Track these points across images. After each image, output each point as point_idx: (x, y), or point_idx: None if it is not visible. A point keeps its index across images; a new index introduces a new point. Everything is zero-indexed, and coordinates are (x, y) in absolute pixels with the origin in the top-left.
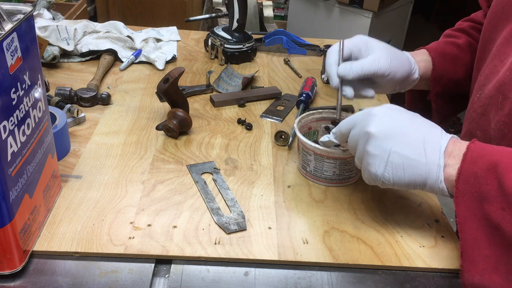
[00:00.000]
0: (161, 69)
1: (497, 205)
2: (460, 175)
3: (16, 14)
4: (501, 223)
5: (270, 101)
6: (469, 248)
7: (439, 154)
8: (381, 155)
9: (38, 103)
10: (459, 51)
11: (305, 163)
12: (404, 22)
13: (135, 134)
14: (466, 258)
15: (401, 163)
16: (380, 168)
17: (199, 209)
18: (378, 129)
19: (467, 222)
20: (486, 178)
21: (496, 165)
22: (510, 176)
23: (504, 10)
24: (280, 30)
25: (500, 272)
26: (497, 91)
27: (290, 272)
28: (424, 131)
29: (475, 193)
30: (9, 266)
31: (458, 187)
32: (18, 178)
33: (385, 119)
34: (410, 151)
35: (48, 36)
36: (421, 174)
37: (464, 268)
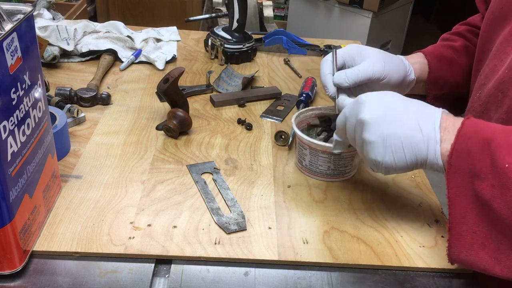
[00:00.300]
0: (161, 69)
1: (488, 182)
2: (453, 150)
3: (16, 14)
4: (491, 200)
5: (270, 101)
6: (457, 223)
7: (434, 127)
8: (379, 140)
9: (38, 103)
10: (456, 54)
11: (301, 157)
12: (404, 22)
13: (135, 134)
14: (453, 233)
15: (399, 144)
16: (380, 154)
17: (199, 209)
18: (370, 114)
19: (457, 198)
20: (479, 154)
21: (490, 141)
22: (503, 153)
23: (502, 11)
24: (280, 30)
25: (486, 249)
26: (496, 89)
27: (290, 272)
28: (415, 108)
29: (467, 169)
30: (9, 266)
31: (451, 162)
32: (18, 178)
33: (374, 103)
34: (406, 130)
35: (48, 36)
36: (421, 151)
37: (451, 243)
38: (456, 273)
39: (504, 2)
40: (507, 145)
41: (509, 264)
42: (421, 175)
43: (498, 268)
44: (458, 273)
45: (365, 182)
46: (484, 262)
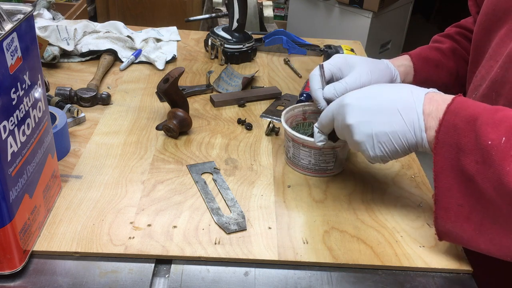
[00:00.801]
0: (161, 69)
1: (472, 158)
2: (441, 126)
3: (16, 14)
4: (475, 175)
5: (270, 101)
6: (444, 196)
7: (417, 116)
8: (368, 140)
9: (38, 103)
10: (443, 57)
11: (286, 149)
12: (404, 22)
13: (135, 134)
14: (439, 205)
15: (388, 139)
16: (372, 151)
17: (199, 209)
18: (355, 119)
19: (444, 172)
20: (465, 130)
21: (475, 118)
22: (487, 130)
23: (495, 13)
24: (280, 30)
25: (471, 221)
26: (489, 89)
27: (290, 272)
28: (396, 100)
29: (453, 144)
30: (9, 266)
31: (438, 137)
32: (18, 178)
33: (357, 106)
34: (391, 126)
35: (48, 36)
36: (409, 140)
37: (437, 215)
38: (456, 273)
39: (496, 4)
40: (492, 123)
41: (491, 238)
42: (421, 175)
43: (482, 241)
44: (458, 273)
45: (365, 182)
46: (468, 234)
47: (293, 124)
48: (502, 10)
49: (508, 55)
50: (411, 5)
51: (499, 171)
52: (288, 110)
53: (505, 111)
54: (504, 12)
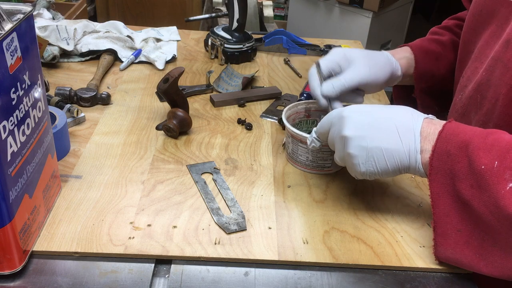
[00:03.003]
0: (161, 69)
1: (467, 183)
2: (434, 152)
3: (16, 14)
4: (470, 200)
5: (270, 101)
6: (442, 222)
7: (414, 138)
8: (361, 154)
9: (38, 103)
10: (442, 48)
11: (287, 144)
12: (404, 22)
13: (135, 134)
14: (439, 232)
15: (381, 156)
16: (363, 166)
17: (199, 209)
18: (352, 131)
19: (440, 198)
20: (457, 156)
21: (467, 144)
22: (479, 155)
23: (482, 14)
24: (280, 30)
25: (471, 246)
26: (475, 91)
27: (290, 272)
28: (395, 117)
29: (448, 170)
30: (9, 266)
31: (432, 164)
32: (18, 178)
33: (356, 119)
34: (386, 143)
35: (48, 36)
36: (402, 160)
37: (437, 242)
38: (456, 273)
39: (483, 6)
40: (484, 147)
41: (492, 260)
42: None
43: (483, 265)
44: (458, 273)
45: (365, 182)
46: (470, 259)
47: (296, 121)
48: (488, 12)
49: (493, 58)
50: (411, 5)
51: (494, 195)
52: (291, 107)
53: (496, 135)
54: (489, 13)
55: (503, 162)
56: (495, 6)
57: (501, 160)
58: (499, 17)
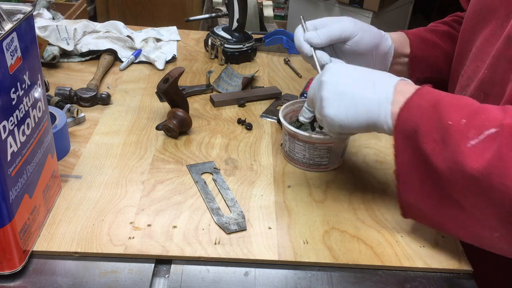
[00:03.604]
0: (161, 69)
1: (430, 137)
2: (406, 104)
3: (16, 14)
4: (430, 154)
5: (270, 101)
6: (405, 171)
7: (387, 90)
8: (334, 97)
9: (38, 103)
10: (439, 38)
11: (284, 143)
12: (404, 22)
13: (135, 134)
14: (401, 179)
15: (353, 102)
16: (333, 109)
17: (199, 209)
18: (330, 76)
19: (404, 149)
20: (428, 110)
21: (440, 100)
22: (449, 112)
23: (481, 12)
24: (280, 30)
25: (431, 197)
26: (478, 89)
27: (290, 272)
28: (374, 73)
29: (414, 123)
30: (8, 266)
31: (401, 114)
32: (18, 178)
33: (337, 68)
34: (359, 89)
35: (48, 36)
36: (371, 110)
37: (399, 189)
38: (456, 273)
39: (482, 4)
40: (455, 105)
41: (449, 213)
42: None
43: (441, 215)
44: (458, 273)
45: (365, 182)
46: (429, 209)
47: (293, 119)
48: (487, 10)
49: (495, 56)
50: (411, 5)
51: (455, 149)
52: (288, 105)
53: (470, 100)
54: (488, 11)
55: (470, 121)
56: (495, 4)
57: (469, 119)
58: (499, 15)
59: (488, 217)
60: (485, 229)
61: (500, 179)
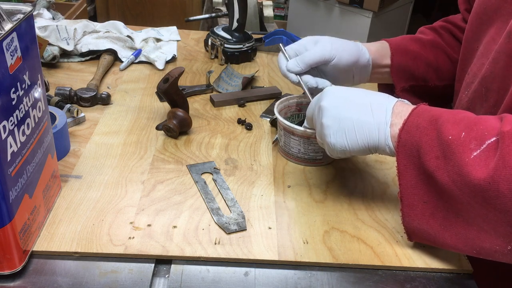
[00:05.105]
0: (161, 69)
1: (432, 154)
2: (404, 125)
3: (16, 14)
4: (434, 171)
5: (270, 101)
6: (409, 194)
7: (385, 113)
8: (333, 124)
9: (38, 103)
10: (422, 48)
11: (279, 138)
12: (404, 22)
13: (135, 134)
14: (405, 203)
15: (352, 127)
16: (334, 136)
17: (199, 209)
18: (328, 102)
19: (407, 170)
20: (426, 129)
21: (437, 118)
22: (448, 127)
23: (486, 11)
24: (280, 30)
25: (436, 217)
26: (480, 85)
27: (290, 272)
28: (371, 96)
29: (415, 143)
30: (8, 266)
31: (401, 136)
32: (18, 178)
33: (335, 93)
34: (358, 114)
35: (48, 36)
36: (371, 134)
37: (404, 212)
38: (456, 273)
39: (487, 4)
40: (453, 121)
41: (456, 232)
42: None
43: (448, 235)
44: (458, 273)
45: (365, 182)
46: (435, 230)
47: (288, 115)
48: (493, 9)
49: (497, 51)
50: (411, 5)
51: (459, 163)
52: (283, 101)
53: (466, 113)
54: (494, 11)
55: (469, 133)
56: (499, 4)
57: (468, 131)
58: (504, 13)
59: (499, 227)
60: (497, 242)
61: (508, 185)
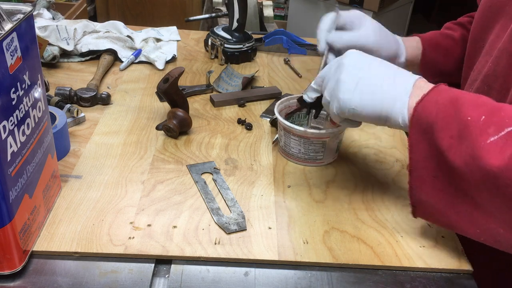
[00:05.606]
0: (161, 69)
1: (447, 133)
2: (422, 99)
3: (16, 14)
4: (446, 150)
5: (270, 101)
6: (419, 167)
7: (406, 84)
8: (351, 82)
9: (38, 103)
10: (453, 44)
11: (279, 138)
12: (404, 22)
13: (135, 134)
14: (414, 175)
15: (369, 90)
16: (348, 93)
17: (199, 209)
18: (351, 60)
19: (419, 143)
20: (445, 106)
21: (458, 98)
22: (468, 108)
23: (492, 9)
24: (280, 30)
25: (445, 192)
26: (482, 82)
27: (290, 272)
28: (396, 68)
29: (431, 118)
30: (8, 266)
31: (417, 109)
32: (18, 178)
33: (359, 55)
34: (379, 80)
35: (48, 36)
36: (388, 101)
37: (412, 185)
38: (456, 273)
39: (492, 2)
40: (473, 103)
41: (463, 209)
42: None
43: (453, 212)
44: (458, 273)
45: (365, 182)
46: (442, 205)
47: (288, 115)
48: (497, 7)
49: (499, 49)
50: (411, 5)
51: (473, 145)
52: (283, 101)
53: (488, 99)
54: (499, 8)
55: (490, 117)
56: (505, 1)
57: (488, 115)
58: (509, 10)
59: (504, 214)
60: (500, 227)
61: None
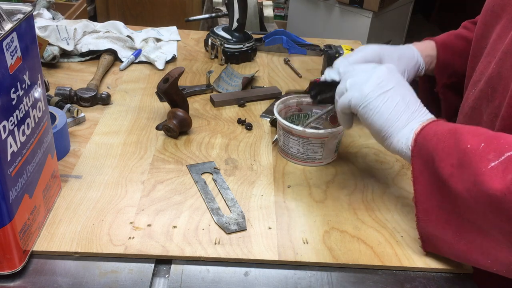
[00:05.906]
0: (161, 69)
1: (448, 162)
2: (422, 130)
3: (16, 14)
4: (448, 179)
5: (270, 101)
6: (424, 199)
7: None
8: (384, 82)
9: (38, 103)
10: (468, 46)
11: (279, 138)
12: (404, 22)
13: (135, 134)
14: (420, 208)
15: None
16: (375, 90)
17: (199, 209)
18: (391, 69)
19: (423, 175)
20: (444, 136)
21: (457, 128)
22: (467, 137)
23: (494, 9)
24: (280, 30)
25: (451, 224)
26: (486, 84)
27: (290, 272)
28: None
29: (431, 149)
30: (8, 266)
31: (417, 140)
32: (18, 178)
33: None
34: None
35: (48, 36)
36: (403, 118)
37: (419, 217)
38: (456, 273)
39: (495, 1)
40: (472, 133)
41: (471, 240)
42: None
43: (462, 243)
44: (458, 273)
45: (365, 182)
46: (450, 237)
47: (288, 115)
48: (500, 6)
49: (503, 51)
50: (411, 5)
51: (474, 172)
52: (283, 101)
53: (486, 129)
54: (501, 8)
55: (489, 145)
56: (506, 2)
57: (488, 143)
58: (510, 10)
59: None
60: (510, 255)
61: None
